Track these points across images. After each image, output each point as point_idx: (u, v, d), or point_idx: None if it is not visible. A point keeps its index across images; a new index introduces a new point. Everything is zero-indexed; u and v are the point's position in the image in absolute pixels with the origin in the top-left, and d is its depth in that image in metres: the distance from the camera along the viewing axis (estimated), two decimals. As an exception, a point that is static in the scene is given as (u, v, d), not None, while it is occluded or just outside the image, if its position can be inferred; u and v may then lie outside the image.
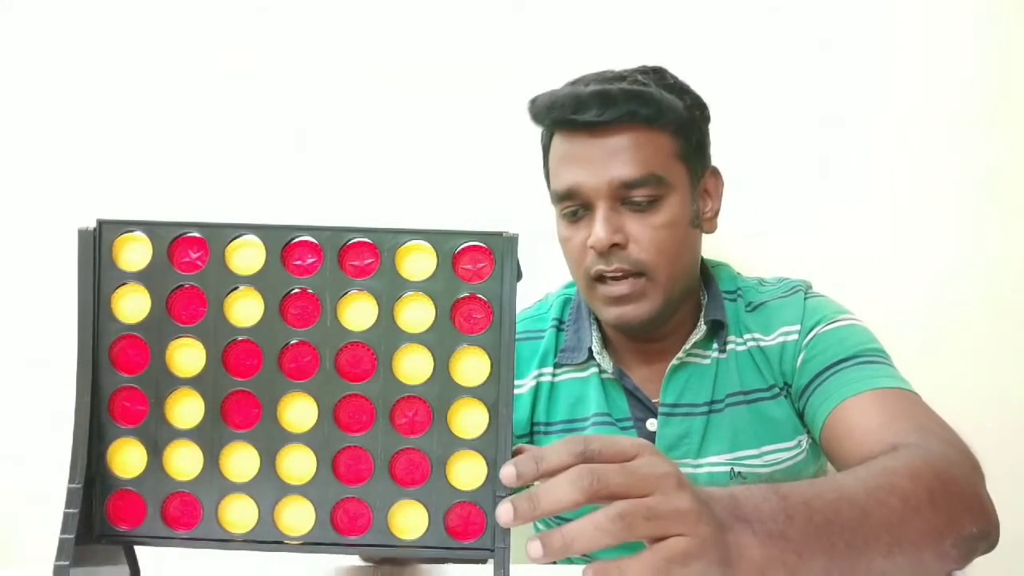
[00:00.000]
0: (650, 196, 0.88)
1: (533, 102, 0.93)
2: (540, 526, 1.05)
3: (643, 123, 0.88)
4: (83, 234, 0.55)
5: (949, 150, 1.19)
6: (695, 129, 0.93)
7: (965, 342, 1.18)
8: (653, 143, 0.88)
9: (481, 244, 0.56)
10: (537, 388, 0.98)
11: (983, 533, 0.65)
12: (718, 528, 0.51)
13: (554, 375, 0.98)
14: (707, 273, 0.98)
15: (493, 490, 0.55)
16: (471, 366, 0.56)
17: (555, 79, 0.96)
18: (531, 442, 0.99)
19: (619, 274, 0.88)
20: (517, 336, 0.98)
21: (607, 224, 0.87)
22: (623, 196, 0.88)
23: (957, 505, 0.64)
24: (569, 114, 0.88)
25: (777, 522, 0.54)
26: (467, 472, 0.56)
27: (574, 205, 0.90)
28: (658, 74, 0.93)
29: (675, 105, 0.90)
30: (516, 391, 0.97)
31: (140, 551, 0.59)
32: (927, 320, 1.18)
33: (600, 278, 0.89)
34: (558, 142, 0.92)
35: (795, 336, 0.91)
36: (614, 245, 0.87)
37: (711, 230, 0.96)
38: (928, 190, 1.19)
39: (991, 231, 1.19)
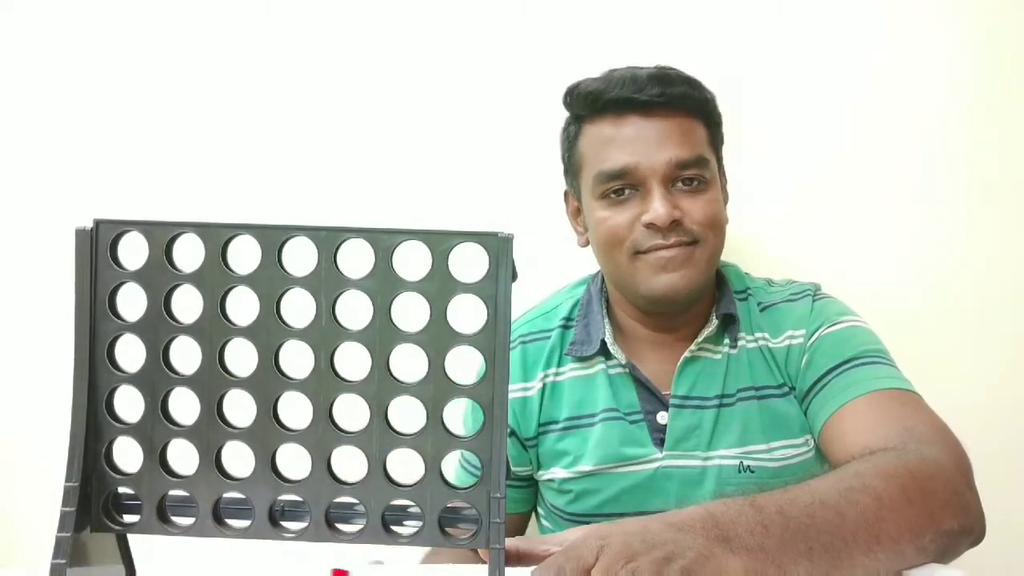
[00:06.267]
0: (699, 177, 0.91)
1: (576, 86, 0.95)
2: (546, 524, 1.05)
3: (689, 109, 0.92)
4: (80, 234, 0.56)
5: (951, 150, 1.19)
6: (720, 123, 0.97)
7: (968, 342, 1.18)
8: (696, 129, 0.93)
9: (476, 244, 0.56)
10: (543, 389, 0.98)
11: (964, 528, 0.66)
12: (695, 558, 0.54)
13: (557, 373, 0.98)
14: (718, 271, 0.99)
15: (487, 490, 0.55)
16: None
17: (554, 81, 0.97)
18: (536, 443, 0.98)
19: (676, 246, 0.90)
20: (525, 337, 0.99)
21: (666, 201, 0.89)
22: (675, 176, 0.91)
23: (934, 501, 0.65)
24: (630, 93, 0.90)
25: (754, 535, 0.56)
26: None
27: (622, 185, 0.91)
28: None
29: (713, 96, 0.95)
30: (525, 394, 0.98)
31: (136, 550, 0.60)
32: (929, 319, 1.18)
33: (647, 250, 0.90)
34: (601, 126, 0.93)
35: (800, 340, 0.92)
36: (673, 221, 0.89)
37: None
38: (930, 189, 1.19)
39: (996, 231, 1.19)
